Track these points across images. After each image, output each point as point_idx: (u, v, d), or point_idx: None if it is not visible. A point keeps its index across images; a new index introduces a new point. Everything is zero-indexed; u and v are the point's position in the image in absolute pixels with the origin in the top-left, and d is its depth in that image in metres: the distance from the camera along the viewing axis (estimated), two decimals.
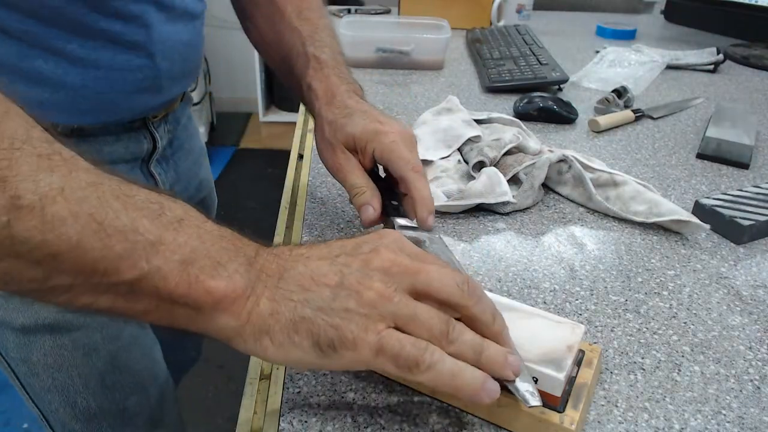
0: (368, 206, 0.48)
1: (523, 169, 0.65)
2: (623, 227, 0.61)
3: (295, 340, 0.32)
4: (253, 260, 0.34)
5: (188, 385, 1.57)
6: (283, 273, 0.34)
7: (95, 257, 0.29)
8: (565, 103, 0.88)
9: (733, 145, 0.78)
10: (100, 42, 0.52)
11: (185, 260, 0.31)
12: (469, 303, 0.34)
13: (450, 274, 0.35)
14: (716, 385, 0.42)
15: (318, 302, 0.32)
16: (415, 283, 0.34)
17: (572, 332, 0.39)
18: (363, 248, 0.35)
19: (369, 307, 0.32)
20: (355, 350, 0.32)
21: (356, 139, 0.51)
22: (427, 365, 0.32)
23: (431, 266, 0.35)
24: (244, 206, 2.38)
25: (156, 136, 0.64)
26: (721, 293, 0.52)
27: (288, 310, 0.32)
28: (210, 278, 0.31)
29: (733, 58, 1.24)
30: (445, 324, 0.33)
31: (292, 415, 0.39)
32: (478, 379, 0.32)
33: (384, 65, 1.09)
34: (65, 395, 0.63)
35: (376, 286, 0.33)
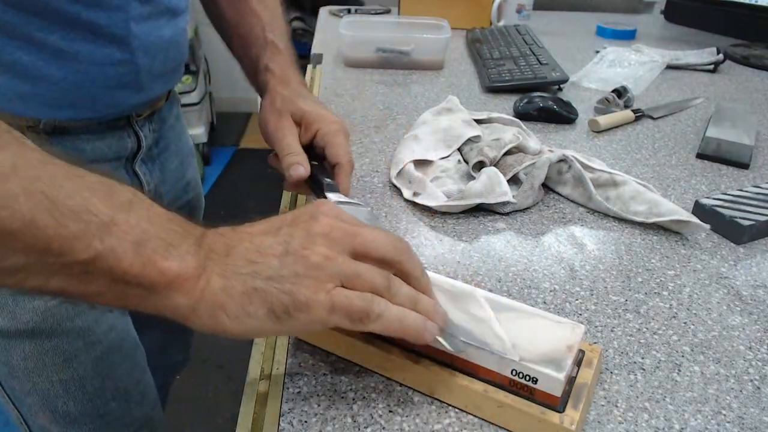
0: (299, 165, 0.52)
1: (523, 169, 0.65)
2: (623, 227, 0.61)
3: (249, 310, 0.33)
4: (200, 240, 0.35)
5: (188, 385, 1.57)
6: (230, 250, 0.35)
7: (49, 235, 0.29)
8: (565, 103, 0.88)
9: (733, 145, 0.78)
10: (81, 34, 0.51)
11: (138, 241, 0.32)
12: (403, 259, 0.37)
13: (384, 235, 0.37)
14: (716, 385, 0.42)
15: (267, 272, 0.34)
16: (354, 244, 0.36)
17: (572, 332, 0.39)
18: (302, 218, 0.37)
19: (316, 269, 0.34)
20: (309, 311, 0.33)
21: (305, 114, 0.56)
22: (376, 314, 0.34)
23: (367, 229, 0.37)
24: (244, 206, 2.38)
25: (140, 135, 0.64)
26: (721, 293, 0.52)
27: (239, 284, 0.34)
28: (163, 259, 0.32)
29: (733, 58, 1.24)
30: (385, 279, 0.36)
31: (292, 415, 0.39)
32: (420, 321, 0.36)
33: (384, 65, 1.09)
34: (45, 399, 0.62)
35: (319, 249, 0.35)
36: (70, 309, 0.60)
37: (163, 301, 0.33)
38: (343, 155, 0.54)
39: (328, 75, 1.05)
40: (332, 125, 0.56)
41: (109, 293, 0.33)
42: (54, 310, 0.59)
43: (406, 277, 0.38)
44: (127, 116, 0.61)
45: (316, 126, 0.56)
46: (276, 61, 0.61)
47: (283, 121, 0.56)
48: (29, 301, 0.57)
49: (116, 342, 0.65)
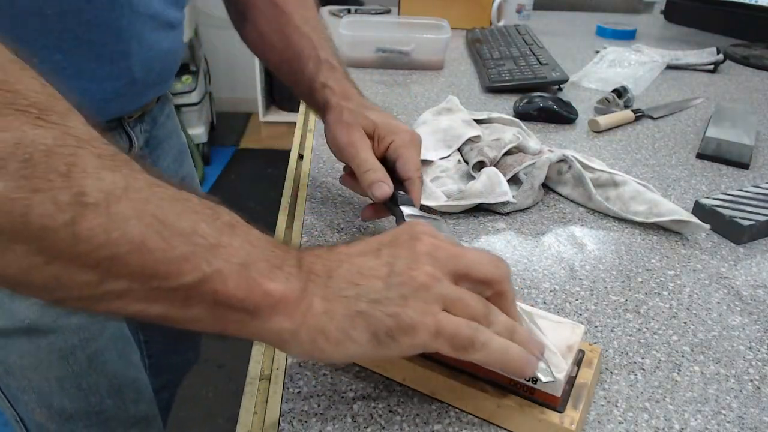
0: (382, 183, 0.50)
1: (523, 169, 0.65)
2: (623, 227, 0.61)
3: (351, 335, 0.32)
4: (300, 262, 0.34)
5: (188, 385, 1.57)
6: (331, 272, 0.34)
7: (157, 258, 0.29)
8: (565, 103, 0.88)
9: (733, 145, 0.78)
10: (84, 53, 0.51)
11: (243, 263, 0.31)
12: (503, 279, 0.36)
13: (487, 255, 0.37)
14: (716, 385, 0.42)
15: (371, 295, 0.33)
16: (458, 265, 0.35)
17: (572, 332, 0.39)
18: (402, 238, 0.36)
19: (423, 290, 0.33)
20: (414, 335, 0.32)
21: (377, 127, 0.54)
22: (481, 343, 0.33)
23: (469, 250, 0.37)
24: (244, 206, 2.35)
25: (132, 135, 0.63)
26: (721, 293, 0.52)
27: (342, 307, 0.33)
28: (268, 281, 0.31)
29: (733, 58, 1.24)
30: (485, 306, 0.35)
31: (292, 415, 0.39)
32: (524, 353, 0.35)
33: (384, 65, 1.09)
34: (40, 396, 0.63)
35: (426, 269, 0.34)
36: None
37: (264, 326, 0.32)
38: (415, 170, 0.52)
39: None
40: (405, 135, 0.54)
41: (210, 318, 0.31)
42: (50, 308, 0.58)
43: (502, 300, 0.37)
44: (119, 118, 0.61)
45: (389, 138, 0.53)
46: (333, 78, 0.59)
47: (354, 135, 0.54)
48: (25, 299, 0.57)
49: (110, 340, 0.65)
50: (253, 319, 0.32)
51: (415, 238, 0.36)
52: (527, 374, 0.35)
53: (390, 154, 0.53)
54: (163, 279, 0.29)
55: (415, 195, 0.51)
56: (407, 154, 0.52)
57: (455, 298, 0.34)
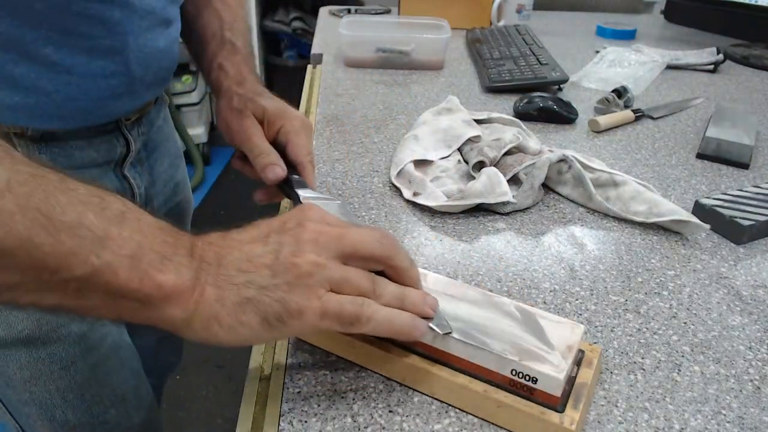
0: (275, 166, 0.52)
1: (523, 169, 0.65)
2: (623, 227, 0.61)
3: (242, 320, 0.34)
4: (192, 250, 0.35)
5: (188, 385, 1.57)
6: (221, 260, 0.35)
7: (45, 252, 0.29)
8: (565, 103, 0.88)
9: (733, 145, 0.78)
10: (76, 47, 0.50)
11: (133, 255, 0.32)
12: (390, 254, 0.38)
13: (370, 233, 0.38)
14: (716, 385, 0.42)
15: (259, 281, 0.34)
16: (342, 247, 0.36)
17: (572, 332, 0.39)
18: (289, 224, 0.37)
19: (306, 277, 0.34)
20: (301, 318, 0.34)
21: (267, 113, 0.55)
22: (366, 317, 0.35)
23: (352, 229, 0.38)
24: (244, 206, 2.38)
25: (129, 138, 0.62)
26: (721, 293, 0.52)
27: (232, 294, 0.34)
28: (159, 272, 0.32)
29: (733, 58, 1.24)
30: (371, 282, 0.37)
31: (292, 415, 0.39)
32: (409, 319, 0.37)
33: (384, 65, 1.09)
34: (43, 408, 0.62)
35: (309, 257, 0.35)
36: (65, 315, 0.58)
37: (158, 314, 0.33)
38: (304, 155, 0.54)
39: (328, 75, 1.05)
40: (295, 122, 0.55)
41: (105, 307, 0.33)
42: (49, 317, 0.58)
43: (396, 271, 0.39)
44: (116, 121, 0.60)
45: (279, 123, 0.55)
46: (230, 61, 0.60)
47: (245, 121, 0.55)
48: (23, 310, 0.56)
49: (112, 348, 0.64)
50: (146, 308, 0.33)
51: (301, 225, 0.37)
52: (416, 337, 0.37)
53: (280, 139, 0.55)
54: (52, 272, 0.29)
55: (309, 178, 0.53)
56: (297, 140, 0.54)
57: (339, 279, 0.35)
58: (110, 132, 0.60)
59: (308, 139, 0.55)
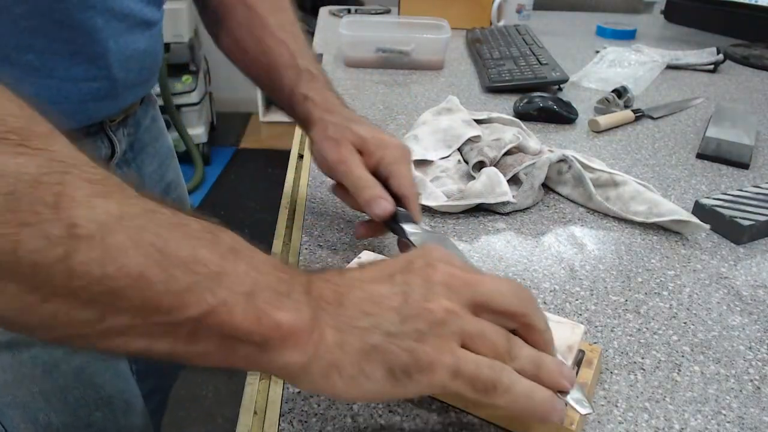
0: (382, 199, 0.48)
1: (523, 169, 0.65)
2: (623, 227, 0.61)
3: (366, 371, 0.30)
4: (308, 288, 0.32)
5: (188, 385, 1.57)
6: (342, 299, 0.32)
7: (159, 291, 0.27)
8: (565, 103, 0.88)
9: (733, 145, 0.78)
10: (57, 53, 0.50)
11: (249, 292, 0.29)
12: (528, 311, 0.34)
13: (507, 284, 0.34)
14: (716, 385, 0.42)
15: (386, 327, 0.31)
16: (476, 295, 0.33)
17: (572, 332, 0.39)
18: (416, 264, 0.34)
19: (440, 326, 0.31)
20: (432, 374, 0.30)
21: (366, 142, 0.51)
22: (504, 387, 0.31)
23: (487, 277, 0.34)
24: (244, 206, 2.38)
25: (114, 140, 0.61)
26: (721, 293, 0.52)
27: (356, 340, 0.30)
28: (277, 310, 0.29)
29: (733, 58, 1.24)
30: (507, 340, 0.33)
31: (292, 415, 0.39)
32: (550, 399, 0.32)
33: (384, 65, 1.09)
34: (26, 411, 0.60)
35: (443, 303, 0.31)
36: None
37: (274, 359, 0.30)
38: (409, 186, 0.50)
39: (328, 75, 1.04)
40: (396, 151, 0.51)
41: (217, 352, 0.29)
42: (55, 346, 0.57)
43: (530, 332, 0.34)
44: (100, 122, 0.59)
45: (380, 153, 0.51)
46: (314, 89, 0.57)
47: (344, 151, 0.51)
48: None
49: None
50: (262, 351, 0.29)
51: (430, 266, 0.33)
52: (554, 420, 0.32)
53: (381, 171, 0.51)
54: (165, 313, 0.27)
55: (415, 212, 0.49)
56: (400, 171, 0.50)
57: (474, 333, 0.31)
58: (94, 134, 0.59)
59: (410, 169, 0.52)
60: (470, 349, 0.31)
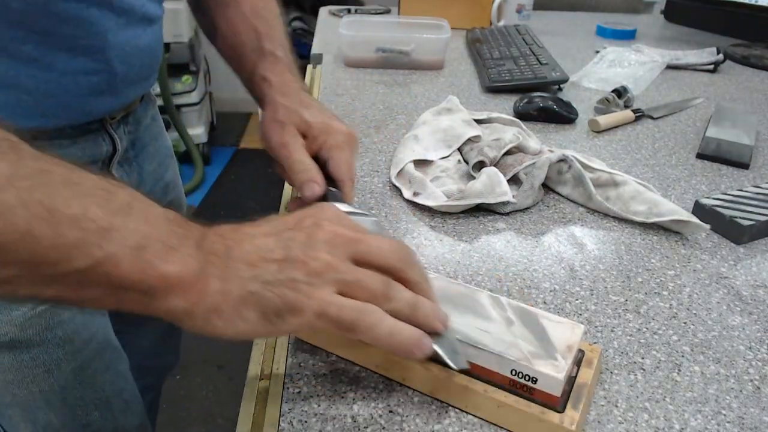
0: (313, 183, 0.50)
1: (523, 169, 0.65)
2: (623, 227, 0.61)
3: (242, 313, 0.33)
4: (200, 242, 0.35)
5: (188, 385, 1.57)
6: (230, 252, 0.35)
7: (45, 246, 0.29)
8: (565, 103, 0.88)
9: (733, 145, 0.78)
10: (56, 45, 0.50)
11: (138, 246, 0.31)
12: (404, 266, 0.37)
13: (387, 243, 0.37)
14: (716, 385, 0.42)
15: (265, 276, 0.34)
16: (357, 251, 0.36)
17: (572, 332, 0.39)
18: (305, 222, 0.37)
19: (314, 275, 0.34)
20: (300, 315, 0.33)
21: (310, 126, 0.54)
22: (366, 326, 0.34)
23: (370, 236, 0.37)
24: (244, 206, 2.38)
25: (115, 137, 0.62)
26: (721, 293, 0.52)
27: (236, 287, 0.34)
28: (163, 262, 0.32)
29: (733, 58, 1.24)
30: (384, 284, 0.36)
31: (292, 415, 0.39)
32: (413, 335, 0.35)
33: (384, 65, 1.09)
34: (25, 411, 0.61)
35: (322, 256, 0.35)
36: (49, 319, 0.58)
37: (159, 305, 0.33)
38: (345, 171, 0.52)
39: (328, 75, 1.05)
40: (338, 136, 0.54)
41: (106, 299, 0.32)
42: (33, 321, 0.57)
43: (409, 285, 0.37)
44: (101, 119, 0.60)
45: (323, 138, 0.54)
46: (273, 71, 0.59)
47: (287, 134, 0.54)
48: (6, 313, 0.56)
49: (97, 351, 0.64)
50: (149, 298, 0.32)
51: (317, 225, 0.36)
52: (416, 356, 0.35)
53: (322, 155, 0.53)
54: (52, 265, 0.29)
55: (347, 193, 0.52)
56: (339, 155, 0.52)
57: (350, 281, 0.35)
58: (95, 131, 0.59)
59: (351, 153, 0.54)
60: (348, 295, 0.34)
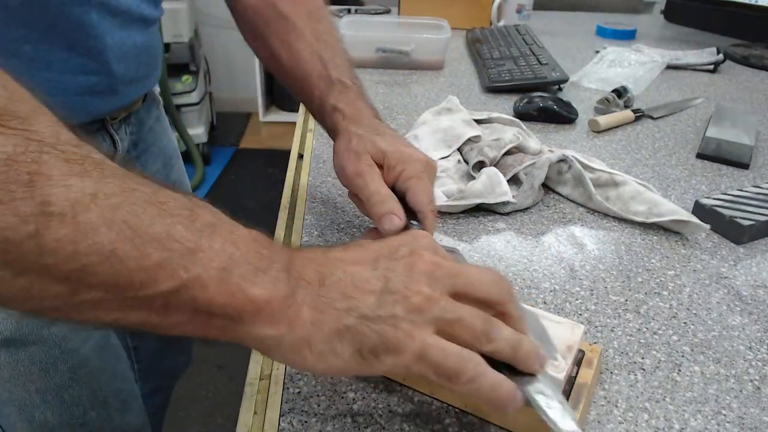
0: (393, 215, 0.47)
1: (523, 169, 0.65)
2: (623, 227, 0.61)
3: (335, 348, 0.31)
4: (289, 265, 0.32)
5: (188, 385, 1.57)
6: (323, 279, 0.33)
7: (131, 267, 0.27)
8: (565, 103, 0.88)
9: (733, 145, 0.78)
10: (54, 45, 0.50)
11: (224, 267, 0.30)
12: (506, 300, 0.35)
13: (488, 273, 0.35)
14: (716, 385, 0.42)
15: (362, 310, 0.32)
16: (457, 284, 0.34)
17: (572, 332, 0.39)
18: (401, 251, 0.35)
19: (416, 312, 0.32)
20: (398, 355, 0.31)
21: (387, 156, 0.51)
22: (468, 378, 0.32)
23: (469, 267, 0.35)
24: (244, 206, 2.38)
25: (116, 138, 0.61)
26: (721, 293, 0.52)
27: (331, 320, 0.31)
28: (252, 285, 0.30)
29: (733, 58, 1.24)
30: (486, 323, 0.33)
31: (292, 415, 0.39)
32: (511, 391, 0.33)
33: (384, 65, 1.09)
34: (22, 409, 0.61)
35: (423, 290, 0.32)
36: None
37: (248, 331, 0.31)
38: (427, 203, 0.49)
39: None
40: (416, 165, 0.50)
41: (191, 324, 0.30)
42: (29, 319, 0.57)
43: (508, 321, 0.35)
44: (102, 120, 0.59)
45: (400, 167, 0.50)
46: (343, 101, 0.57)
47: (362, 164, 0.51)
48: (2, 311, 0.55)
49: (94, 350, 0.64)
50: (237, 324, 0.30)
51: (415, 254, 0.34)
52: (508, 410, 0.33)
53: (399, 185, 0.50)
54: (138, 288, 0.28)
55: (428, 226, 0.48)
56: (418, 185, 0.49)
57: (452, 319, 0.32)
58: (95, 131, 0.59)
59: (430, 184, 0.50)
60: (448, 333, 0.32)
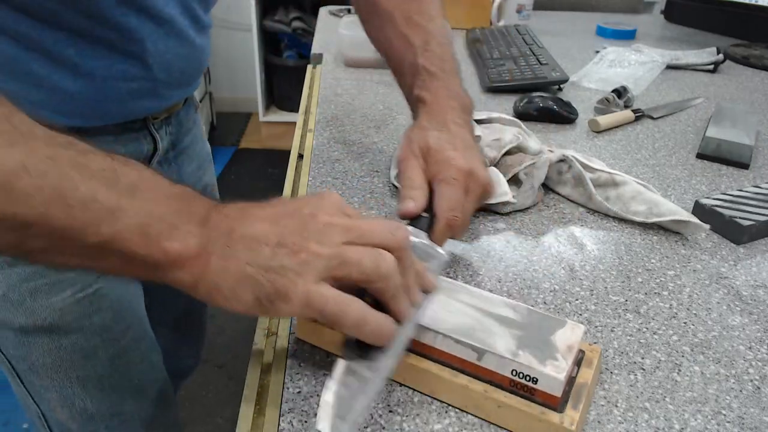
0: (410, 200, 0.49)
1: (523, 169, 0.65)
2: (623, 227, 0.61)
3: (238, 294, 0.35)
4: (205, 220, 0.37)
5: (188, 385, 1.57)
6: (232, 233, 0.36)
7: (62, 225, 0.32)
8: (565, 103, 0.88)
9: (733, 145, 0.78)
10: (96, 50, 0.51)
11: (142, 224, 0.34)
12: (399, 245, 0.38)
13: (380, 224, 0.38)
14: (716, 385, 0.42)
15: (259, 261, 0.35)
16: (349, 236, 0.37)
17: (572, 332, 0.39)
18: (304, 209, 0.38)
19: (302, 264, 0.35)
20: (287, 302, 0.35)
21: (430, 153, 0.53)
22: (352, 322, 0.36)
23: (364, 222, 0.38)
24: None
25: (156, 137, 0.63)
26: (721, 293, 0.52)
27: (234, 268, 0.35)
28: (166, 240, 0.35)
29: (733, 58, 1.24)
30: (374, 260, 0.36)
31: (292, 415, 0.39)
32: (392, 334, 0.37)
33: (384, 65, 1.08)
34: (63, 395, 0.63)
35: (311, 246, 0.36)
36: (88, 307, 0.60)
37: (168, 276, 0.36)
38: (444, 210, 0.49)
39: (328, 75, 1.05)
40: (451, 171, 0.50)
41: (123, 269, 0.36)
42: (72, 308, 0.59)
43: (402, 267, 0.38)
44: (144, 119, 0.61)
45: (436, 168, 0.51)
46: (429, 89, 0.57)
47: (408, 152, 0.53)
48: (46, 299, 0.58)
49: (134, 340, 0.66)
50: (159, 270, 0.35)
51: (313, 215, 0.37)
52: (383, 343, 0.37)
53: (433, 185, 0.51)
54: (70, 240, 0.33)
55: (437, 233, 0.48)
56: (444, 191, 0.49)
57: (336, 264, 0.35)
58: (138, 130, 0.61)
59: (462, 192, 0.50)
60: (339, 279, 0.36)
